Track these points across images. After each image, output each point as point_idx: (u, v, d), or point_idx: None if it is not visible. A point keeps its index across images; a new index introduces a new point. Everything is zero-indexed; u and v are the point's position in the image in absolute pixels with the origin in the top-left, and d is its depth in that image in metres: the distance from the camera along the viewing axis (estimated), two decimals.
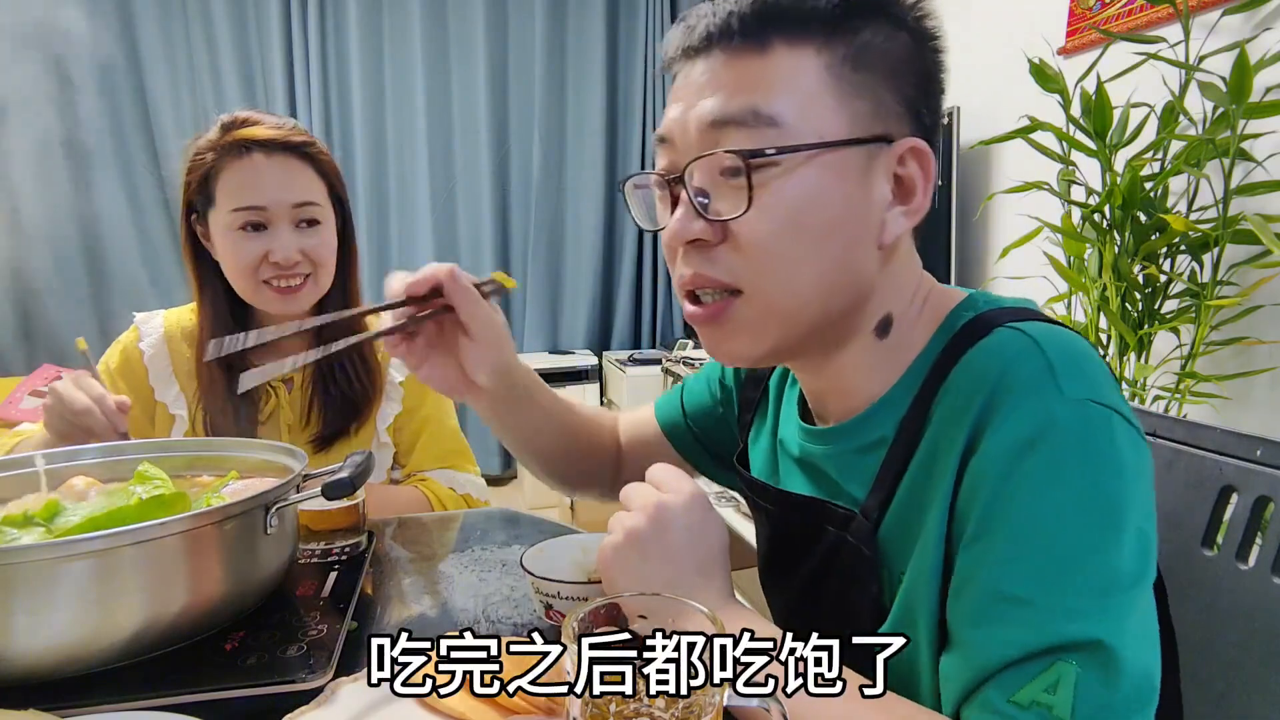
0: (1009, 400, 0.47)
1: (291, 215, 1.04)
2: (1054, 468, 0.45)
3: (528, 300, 3.47)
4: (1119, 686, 0.43)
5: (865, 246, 0.53)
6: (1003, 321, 0.52)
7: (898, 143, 0.52)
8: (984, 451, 0.48)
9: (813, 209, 0.51)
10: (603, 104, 3.38)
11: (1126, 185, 1.32)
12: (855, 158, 0.51)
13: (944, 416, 0.51)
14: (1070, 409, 0.46)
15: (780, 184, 0.51)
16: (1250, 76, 1.18)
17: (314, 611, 0.68)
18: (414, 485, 1.15)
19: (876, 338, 0.57)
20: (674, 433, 0.84)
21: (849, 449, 0.58)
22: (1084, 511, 0.45)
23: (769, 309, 0.54)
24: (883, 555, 0.55)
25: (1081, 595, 0.44)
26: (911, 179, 0.53)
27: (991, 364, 0.49)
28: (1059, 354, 0.48)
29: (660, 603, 0.43)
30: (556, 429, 0.80)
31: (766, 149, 0.50)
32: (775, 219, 0.51)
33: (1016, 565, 0.45)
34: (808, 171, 0.51)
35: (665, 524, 0.54)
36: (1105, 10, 1.68)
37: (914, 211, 0.54)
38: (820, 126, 0.50)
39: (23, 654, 0.55)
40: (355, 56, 3.13)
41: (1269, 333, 1.34)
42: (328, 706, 0.53)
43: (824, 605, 0.60)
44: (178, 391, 1.11)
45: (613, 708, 0.37)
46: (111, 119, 2.88)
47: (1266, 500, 0.66)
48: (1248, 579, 0.66)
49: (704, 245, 0.54)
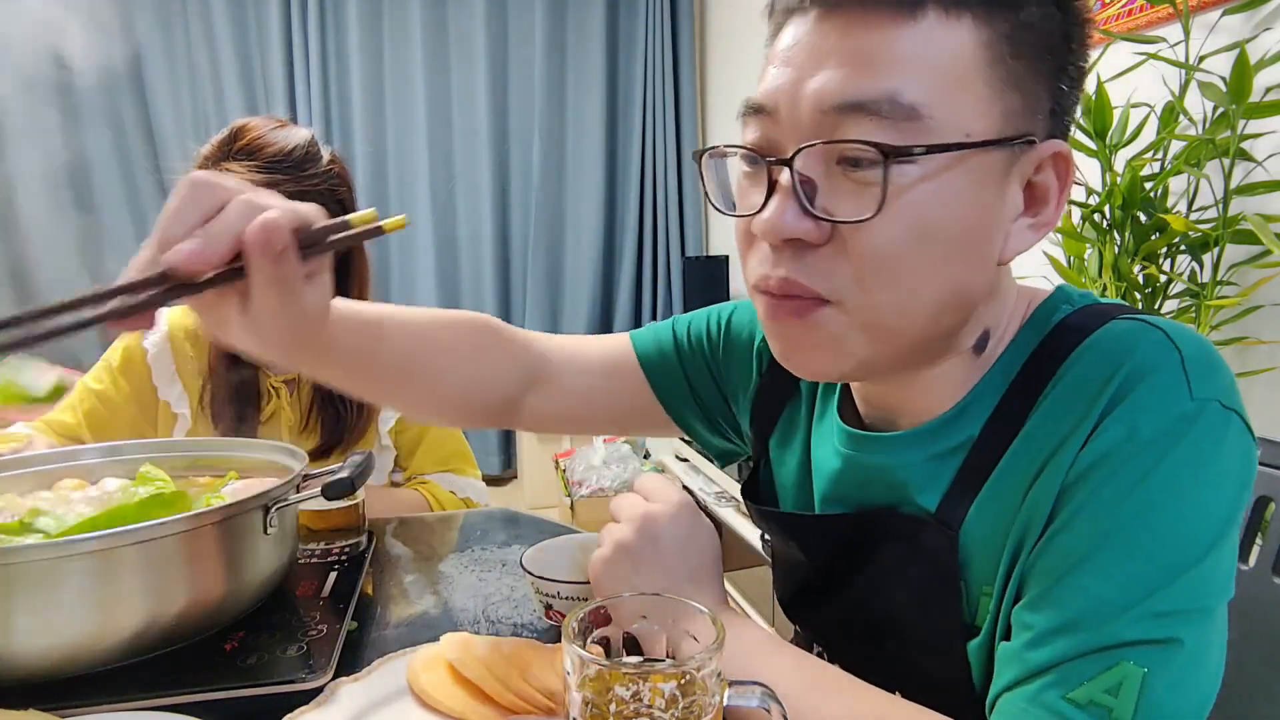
0: (1138, 391, 0.43)
1: None
2: (1168, 470, 0.42)
3: (528, 300, 3.46)
4: (1187, 697, 0.41)
5: (988, 262, 0.47)
6: (1115, 314, 0.48)
7: (1041, 145, 0.45)
8: (1102, 441, 0.44)
9: (948, 220, 0.43)
10: (603, 104, 3.38)
11: (1126, 185, 1.32)
12: (999, 161, 0.44)
13: (1053, 409, 0.47)
14: (1198, 410, 0.43)
15: (914, 188, 0.42)
16: (1250, 76, 1.18)
17: (314, 611, 0.68)
18: (414, 488, 1.15)
19: (974, 355, 0.51)
20: (658, 365, 0.72)
21: (925, 456, 0.52)
22: (1187, 523, 0.42)
23: (868, 326, 0.46)
24: (963, 564, 0.50)
25: (1167, 602, 0.41)
26: (1046, 188, 0.47)
27: (1120, 353, 0.45)
28: (1192, 350, 0.44)
29: (660, 604, 0.43)
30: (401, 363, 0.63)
31: (913, 146, 0.41)
32: (902, 227, 0.43)
33: (1104, 559, 0.42)
34: (949, 176, 0.43)
35: (654, 534, 0.54)
36: (1105, 10, 1.68)
37: (1042, 225, 0.47)
38: (969, 122, 0.43)
39: (23, 654, 0.55)
40: (355, 56, 3.13)
41: (1269, 333, 1.33)
42: (328, 706, 0.52)
43: (891, 620, 0.54)
44: (181, 390, 1.11)
45: (613, 708, 0.37)
46: (111, 119, 2.88)
47: (1267, 500, 0.66)
48: (1248, 579, 0.66)
49: (801, 245, 0.45)
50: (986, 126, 0.43)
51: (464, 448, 1.23)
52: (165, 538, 0.59)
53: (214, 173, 0.48)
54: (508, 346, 0.69)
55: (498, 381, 0.69)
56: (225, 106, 2.97)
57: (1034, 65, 0.44)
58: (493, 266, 3.40)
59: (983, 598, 0.49)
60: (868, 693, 0.47)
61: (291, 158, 0.99)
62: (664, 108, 3.41)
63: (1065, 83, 0.46)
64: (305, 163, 1.01)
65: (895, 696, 0.46)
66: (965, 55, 0.42)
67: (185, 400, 1.11)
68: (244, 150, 0.98)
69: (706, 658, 0.37)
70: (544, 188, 3.38)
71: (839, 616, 0.58)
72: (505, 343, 0.69)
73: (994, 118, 0.43)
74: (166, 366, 1.11)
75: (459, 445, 1.22)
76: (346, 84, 3.16)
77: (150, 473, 0.73)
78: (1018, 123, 0.44)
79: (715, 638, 0.38)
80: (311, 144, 1.03)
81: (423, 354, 0.64)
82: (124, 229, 2.91)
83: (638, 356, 0.72)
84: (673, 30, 3.42)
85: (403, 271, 3.26)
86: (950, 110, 0.42)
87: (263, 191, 0.48)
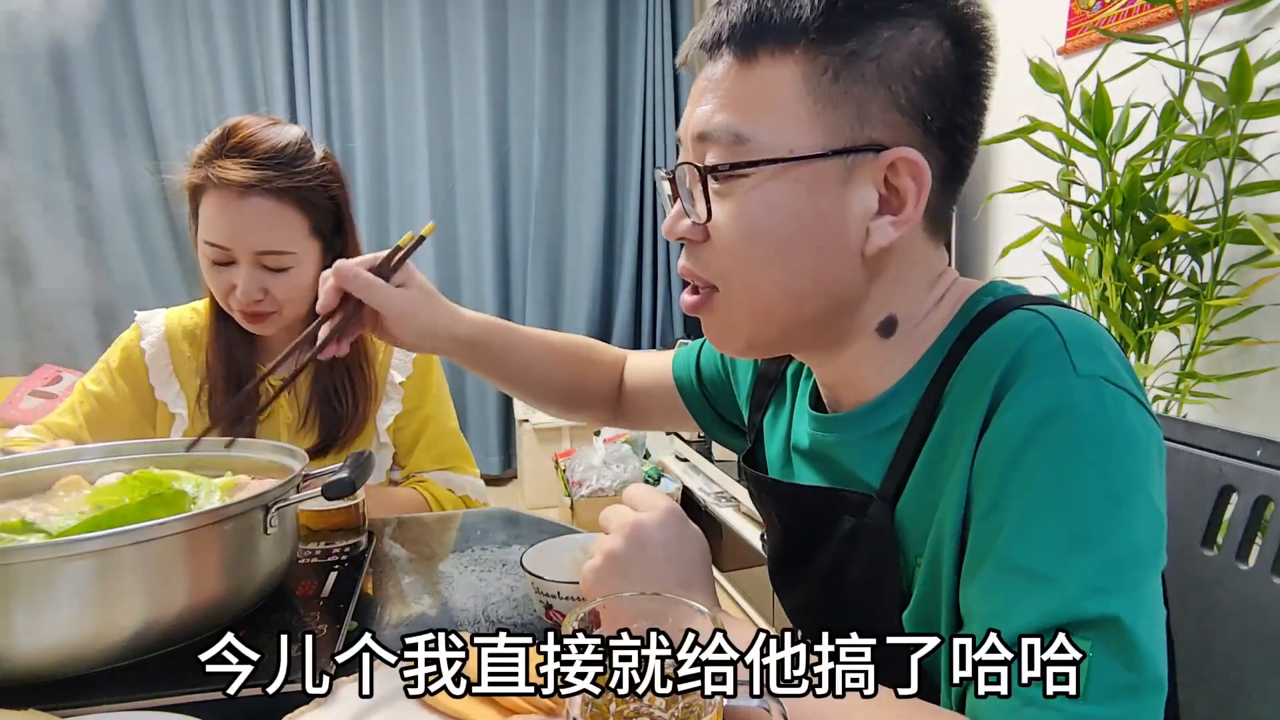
0: (1024, 376, 0.48)
1: (254, 259, 1.01)
2: (1068, 444, 0.46)
3: (528, 300, 3.47)
4: (1134, 666, 0.43)
5: (842, 256, 0.53)
6: (1021, 304, 0.52)
7: (885, 153, 0.51)
8: (998, 427, 0.48)
9: (777, 220, 0.52)
10: (603, 104, 3.38)
11: (1126, 185, 1.32)
12: (830, 170, 0.51)
13: (959, 395, 0.52)
14: (1084, 386, 0.46)
15: (747, 195, 0.52)
16: (1250, 76, 1.18)
17: (314, 611, 0.68)
18: (412, 487, 1.15)
19: (880, 337, 0.57)
20: (685, 386, 0.86)
21: (863, 435, 0.59)
22: (1099, 488, 0.45)
23: (738, 307, 0.56)
24: (900, 537, 0.55)
25: (1097, 571, 0.44)
26: (904, 190, 0.52)
27: (1007, 342, 0.50)
28: (1074, 333, 0.48)
29: (659, 603, 0.43)
30: (532, 367, 0.84)
31: (721, 165, 0.52)
32: (740, 227, 0.53)
33: (1030, 540, 0.45)
34: (774, 185, 0.52)
35: (643, 541, 0.55)
36: (1105, 10, 1.68)
37: (903, 222, 0.52)
38: (791, 140, 0.51)
39: (23, 654, 0.55)
40: (355, 56, 3.14)
41: (1269, 333, 1.34)
42: (328, 706, 0.53)
43: (844, 596, 0.60)
44: (178, 390, 1.11)
45: (613, 708, 0.37)
46: (112, 119, 2.88)
47: (1266, 500, 0.66)
48: (1248, 579, 0.66)
49: (692, 242, 0.57)
50: (809, 143, 0.51)
51: (462, 446, 1.23)
52: (165, 538, 0.59)
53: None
54: (598, 366, 0.90)
55: (592, 390, 0.90)
56: (225, 106, 2.97)
57: (867, 85, 0.50)
58: (493, 266, 3.40)
59: (916, 569, 0.54)
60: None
61: (284, 154, 1.01)
62: (664, 108, 3.42)
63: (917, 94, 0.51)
64: (297, 159, 1.02)
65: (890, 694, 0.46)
66: (786, 87, 0.51)
67: (182, 400, 1.11)
68: (236, 148, 0.99)
69: None
70: (544, 188, 3.39)
71: (815, 583, 0.63)
72: (596, 364, 0.90)
73: (816, 135, 0.51)
74: (164, 366, 1.11)
75: (457, 443, 1.22)
76: (346, 84, 3.16)
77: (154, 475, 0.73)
78: (850, 135, 0.51)
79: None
80: (304, 141, 1.04)
81: (537, 367, 0.84)
82: (124, 229, 2.91)
83: (673, 377, 0.87)
84: (673, 30, 3.42)
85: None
86: (771, 133, 0.51)
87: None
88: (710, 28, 0.54)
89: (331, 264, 1.08)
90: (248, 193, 0.98)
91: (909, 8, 0.51)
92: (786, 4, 0.51)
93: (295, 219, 1.02)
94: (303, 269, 1.05)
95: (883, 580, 0.56)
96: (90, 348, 2.70)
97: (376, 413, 1.15)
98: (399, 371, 1.17)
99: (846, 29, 0.50)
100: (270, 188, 0.99)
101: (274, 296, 1.03)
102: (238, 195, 0.98)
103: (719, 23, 0.53)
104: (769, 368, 0.74)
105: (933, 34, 0.51)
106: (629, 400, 0.92)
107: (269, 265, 1.02)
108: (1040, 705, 0.43)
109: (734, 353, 0.62)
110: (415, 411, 1.18)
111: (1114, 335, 1.46)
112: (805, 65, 0.51)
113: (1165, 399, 1.38)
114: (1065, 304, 0.54)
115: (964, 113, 0.53)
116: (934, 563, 0.52)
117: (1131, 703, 0.43)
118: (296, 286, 1.05)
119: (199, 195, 1.01)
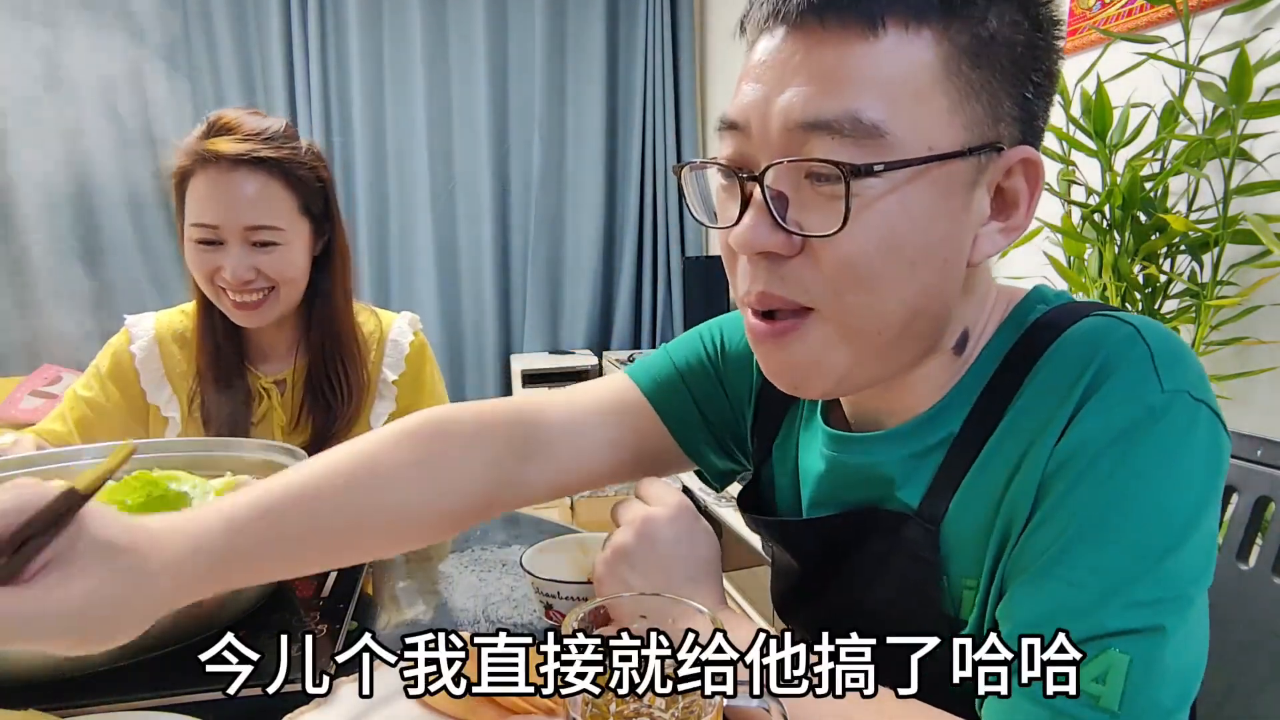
0: (1109, 384, 0.45)
1: (244, 236, 1.01)
2: (1141, 460, 0.44)
3: (528, 300, 3.46)
4: (1171, 686, 0.42)
5: (957, 266, 0.48)
6: (1088, 312, 0.49)
7: (1009, 152, 0.46)
8: (1076, 435, 0.45)
9: (913, 230, 0.45)
10: (603, 104, 3.37)
11: (1126, 185, 1.32)
12: (965, 170, 0.45)
13: (1029, 405, 0.48)
14: (1169, 401, 0.44)
15: (880, 201, 0.44)
16: (1250, 76, 1.18)
17: (314, 611, 0.68)
18: None
19: (954, 355, 0.53)
20: (668, 402, 0.69)
21: (906, 454, 0.53)
22: (1162, 510, 0.43)
23: (845, 331, 0.47)
24: (944, 559, 0.51)
25: (1145, 589, 0.42)
26: (1015, 193, 0.48)
27: (1092, 349, 0.46)
28: (1160, 344, 0.46)
29: (660, 603, 0.43)
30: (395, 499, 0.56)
31: (873, 165, 0.43)
32: (869, 239, 0.44)
33: (1083, 550, 0.44)
34: (912, 189, 0.44)
35: (653, 536, 0.55)
36: (1105, 10, 1.68)
37: (1012, 229, 0.48)
38: (931, 135, 0.44)
39: (23, 654, 0.55)
40: (355, 56, 3.13)
41: (1269, 333, 1.33)
42: (328, 706, 0.53)
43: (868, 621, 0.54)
44: (170, 394, 1.11)
45: (613, 708, 0.37)
46: (111, 119, 2.88)
47: (1266, 500, 0.66)
48: (1248, 579, 0.66)
49: (776, 258, 0.47)
50: (949, 138, 0.44)
51: None
52: None
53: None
54: (466, 440, 0.60)
55: (472, 479, 0.59)
56: (225, 106, 2.96)
57: (996, 75, 0.45)
58: (493, 266, 3.40)
59: (965, 591, 0.50)
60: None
61: (270, 133, 1.02)
62: (664, 109, 3.41)
63: (1031, 90, 0.47)
64: (284, 139, 1.03)
65: (891, 694, 0.46)
66: (924, 70, 0.43)
67: (175, 404, 1.10)
68: (224, 128, 1.01)
69: None
70: (544, 188, 3.38)
71: (826, 614, 0.59)
72: (460, 437, 0.60)
73: (956, 129, 0.44)
74: (155, 369, 1.11)
75: None
76: (346, 84, 3.16)
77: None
78: (981, 132, 0.45)
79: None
80: (288, 127, 1.06)
81: (364, 502, 0.54)
82: (124, 230, 2.91)
83: (643, 392, 0.69)
84: (673, 31, 3.42)
85: (402, 272, 3.26)
86: (911, 126, 0.43)
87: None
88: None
89: (322, 251, 1.09)
90: (237, 166, 0.99)
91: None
92: None
93: (284, 194, 1.02)
94: (292, 248, 1.04)
95: (919, 602, 0.52)
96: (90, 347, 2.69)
97: (370, 412, 1.15)
98: (391, 370, 1.17)
99: (984, 6, 0.44)
100: (259, 159, 0.99)
101: (266, 275, 1.02)
102: (228, 169, 0.98)
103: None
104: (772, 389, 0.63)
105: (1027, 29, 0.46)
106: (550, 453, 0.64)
107: (258, 241, 1.01)
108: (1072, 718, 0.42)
109: (814, 393, 0.53)
110: (410, 409, 1.16)
111: None
112: (944, 45, 0.43)
113: None
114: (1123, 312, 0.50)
115: (1046, 112, 0.49)
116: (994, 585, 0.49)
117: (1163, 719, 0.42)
118: (289, 265, 1.04)
119: (187, 181, 1.01)
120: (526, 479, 0.63)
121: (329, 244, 1.11)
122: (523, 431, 0.63)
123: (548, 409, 0.65)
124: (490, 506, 0.62)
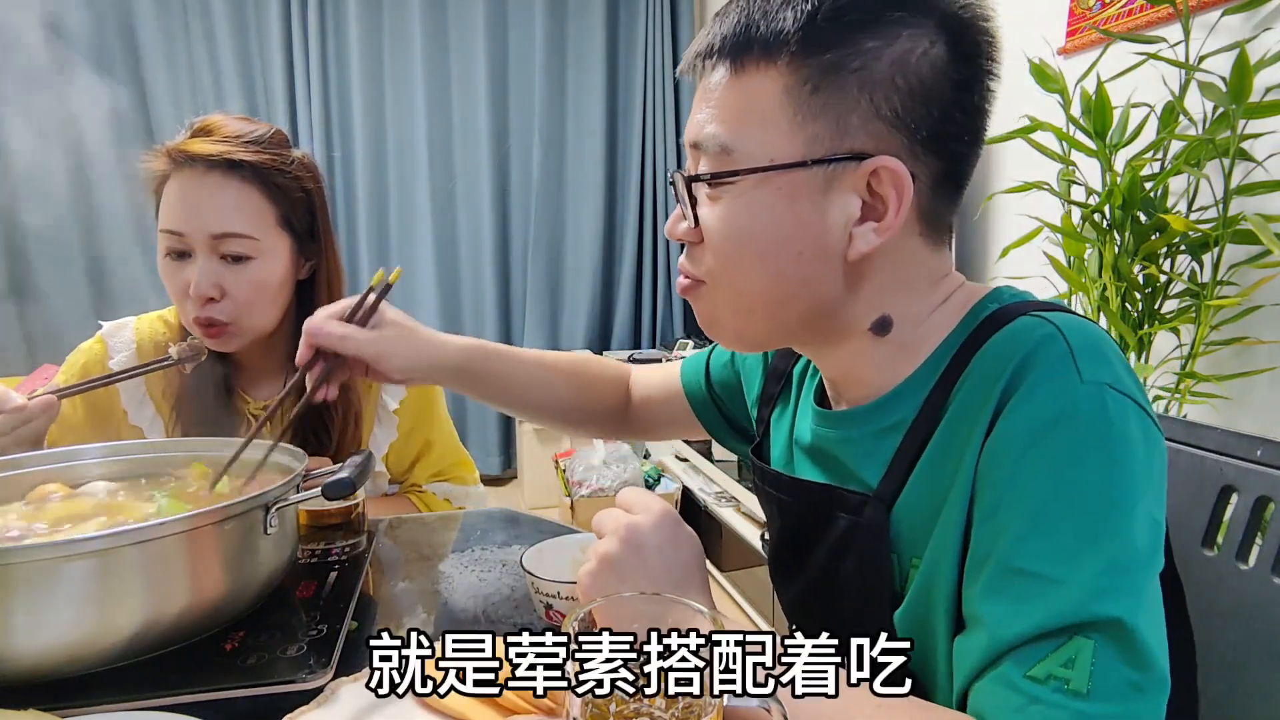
0: (1029, 381, 0.49)
1: (212, 246, 0.91)
2: (1072, 448, 0.47)
3: (528, 300, 3.47)
4: (1137, 664, 0.44)
5: (823, 261, 0.55)
6: (1027, 310, 0.53)
7: (866, 162, 0.52)
8: (1002, 430, 0.49)
9: (759, 226, 0.54)
10: (603, 104, 3.38)
11: (1126, 185, 1.32)
12: (811, 179, 0.53)
13: (965, 399, 0.53)
14: (1089, 393, 0.47)
15: (734, 202, 0.55)
16: (1250, 76, 1.18)
17: (314, 611, 0.68)
18: (408, 496, 1.14)
19: (875, 335, 0.58)
20: (695, 394, 0.88)
21: (865, 433, 0.60)
22: (1101, 493, 0.46)
23: (722, 304, 0.59)
24: (895, 538, 0.56)
25: (1099, 574, 0.45)
26: (885, 197, 0.53)
27: (1014, 347, 0.50)
28: (1080, 340, 0.49)
29: (659, 604, 0.43)
30: (532, 386, 0.87)
31: (702, 174, 0.55)
32: (726, 233, 0.56)
33: (1033, 542, 0.46)
34: (757, 193, 0.54)
35: (638, 544, 0.55)
36: (1105, 10, 1.68)
37: (884, 229, 0.54)
38: (773, 150, 0.53)
39: (23, 654, 0.55)
40: (355, 56, 3.14)
41: (1269, 333, 1.33)
42: (328, 706, 0.53)
43: (837, 594, 0.61)
44: (153, 414, 1.01)
45: (613, 708, 0.37)
46: (111, 119, 2.88)
47: (1266, 500, 0.66)
48: (1248, 579, 0.66)
49: (691, 243, 0.60)
50: (789, 151, 0.53)
51: (461, 455, 1.18)
52: (165, 538, 0.59)
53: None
54: (603, 380, 0.92)
55: (598, 405, 0.92)
56: (225, 106, 2.97)
57: (847, 96, 0.52)
58: (493, 267, 3.40)
59: (912, 570, 0.55)
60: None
61: (253, 136, 0.94)
62: (664, 108, 3.42)
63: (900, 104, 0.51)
64: (269, 143, 0.96)
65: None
66: (769, 98, 0.53)
67: (159, 425, 1.01)
68: (204, 130, 0.94)
69: None
70: (544, 188, 3.39)
71: (806, 582, 0.65)
72: (601, 378, 0.92)
73: (797, 144, 0.53)
74: (137, 387, 1.01)
75: (457, 455, 1.17)
76: (346, 84, 3.16)
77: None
78: (830, 145, 0.52)
79: None
80: (279, 134, 0.98)
81: (538, 386, 0.87)
82: (124, 231, 2.91)
83: (682, 386, 0.90)
84: (673, 32, 3.42)
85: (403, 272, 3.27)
86: (757, 143, 0.53)
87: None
88: (705, 39, 0.56)
89: (306, 273, 1.01)
90: (211, 169, 0.90)
91: (898, 16, 0.51)
92: (772, 17, 0.52)
93: (261, 204, 0.93)
94: (266, 263, 0.94)
95: (873, 581, 0.57)
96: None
97: (369, 439, 1.08)
98: (392, 397, 1.10)
99: (826, 42, 0.51)
100: (234, 162, 0.91)
101: (231, 297, 0.92)
102: (202, 173, 0.90)
103: (714, 34, 0.55)
104: (779, 364, 0.76)
105: (921, 41, 0.51)
106: (636, 412, 0.94)
107: (228, 253, 0.92)
108: (1046, 703, 0.44)
109: (725, 344, 0.65)
110: (411, 434, 1.12)
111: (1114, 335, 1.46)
112: (787, 77, 0.52)
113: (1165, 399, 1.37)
114: (1071, 310, 0.55)
115: (956, 119, 0.53)
116: (933, 566, 0.53)
117: (1136, 700, 0.44)
118: (259, 285, 0.94)
119: (163, 186, 0.93)
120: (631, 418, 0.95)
121: (318, 267, 1.02)
122: (628, 393, 0.95)
123: (641, 381, 0.95)
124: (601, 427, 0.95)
